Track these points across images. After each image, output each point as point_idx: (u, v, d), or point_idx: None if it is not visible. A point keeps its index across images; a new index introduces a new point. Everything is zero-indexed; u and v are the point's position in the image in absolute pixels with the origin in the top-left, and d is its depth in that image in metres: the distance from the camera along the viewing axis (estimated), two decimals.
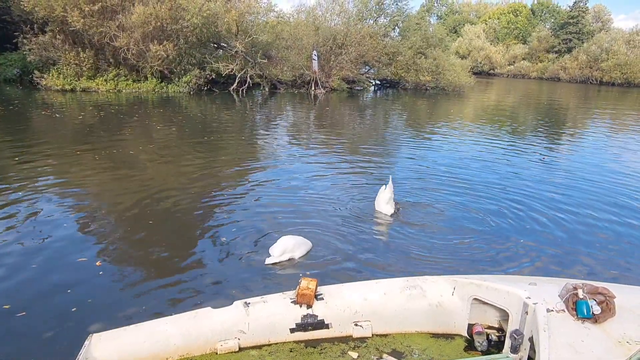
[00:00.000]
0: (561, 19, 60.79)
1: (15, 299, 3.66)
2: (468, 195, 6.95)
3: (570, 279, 3.38)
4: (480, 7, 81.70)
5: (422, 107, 21.57)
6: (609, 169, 9.29)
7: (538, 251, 5.03)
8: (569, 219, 6.07)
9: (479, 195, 6.95)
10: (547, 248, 5.12)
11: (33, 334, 3.26)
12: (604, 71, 50.17)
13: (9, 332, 3.28)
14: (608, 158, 10.68)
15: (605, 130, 16.12)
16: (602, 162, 10.13)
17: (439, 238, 5.26)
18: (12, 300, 3.64)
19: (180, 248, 4.75)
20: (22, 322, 3.39)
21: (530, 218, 6.03)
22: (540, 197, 6.95)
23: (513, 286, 3.23)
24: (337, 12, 28.53)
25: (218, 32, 20.90)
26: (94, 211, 5.69)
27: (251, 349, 3.21)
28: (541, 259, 4.83)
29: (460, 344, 3.38)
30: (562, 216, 6.15)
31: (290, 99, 21.57)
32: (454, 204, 6.46)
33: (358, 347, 3.28)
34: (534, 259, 4.83)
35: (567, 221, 5.98)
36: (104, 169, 7.72)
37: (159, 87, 20.18)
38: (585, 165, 9.63)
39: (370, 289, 3.51)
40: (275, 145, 10.70)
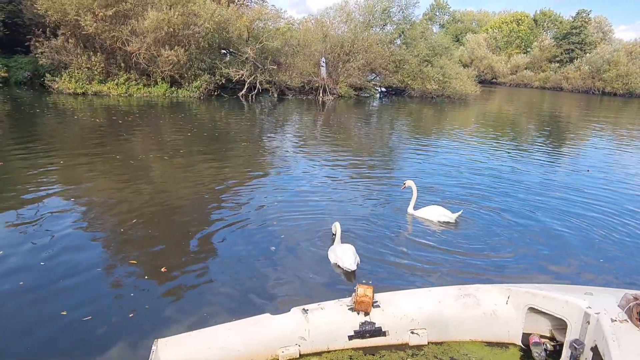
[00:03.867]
0: (564, 29, 61.19)
1: (78, 303, 3.68)
2: (491, 202, 6.98)
3: (626, 289, 3.40)
4: (481, 16, 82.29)
5: (430, 115, 21.67)
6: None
7: (578, 259, 5.06)
8: (611, 228, 6.10)
9: (499, 201, 7.00)
10: (585, 256, 5.15)
11: (99, 338, 3.28)
12: (606, 82, 50.49)
13: (79, 337, 3.30)
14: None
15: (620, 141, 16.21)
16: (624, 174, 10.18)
17: (472, 245, 5.29)
18: (76, 304, 3.66)
19: (225, 254, 4.76)
20: (88, 325, 3.42)
21: (567, 226, 6.06)
22: (570, 204, 6.99)
23: (571, 295, 3.25)
24: (343, 20, 28.76)
25: (229, 37, 21.04)
26: (119, 215, 5.70)
27: (311, 355, 3.23)
28: (585, 268, 4.87)
29: (515, 353, 3.40)
30: (603, 226, 6.18)
31: (299, 105, 21.66)
32: (481, 211, 6.49)
33: (415, 354, 3.30)
34: (575, 267, 4.86)
35: (611, 231, 6.01)
36: (119, 173, 7.75)
37: (169, 92, 20.26)
38: (601, 176, 9.68)
39: (424, 297, 3.54)
40: (287, 151, 10.72)
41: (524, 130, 18.23)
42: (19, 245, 4.63)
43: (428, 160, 10.43)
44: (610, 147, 14.31)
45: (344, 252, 4.59)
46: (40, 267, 4.24)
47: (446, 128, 17.12)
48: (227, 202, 6.50)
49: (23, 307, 3.62)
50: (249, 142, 11.88)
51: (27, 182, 6.82)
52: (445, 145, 12.88)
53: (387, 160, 10.71)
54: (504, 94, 46.77)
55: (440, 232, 5.74)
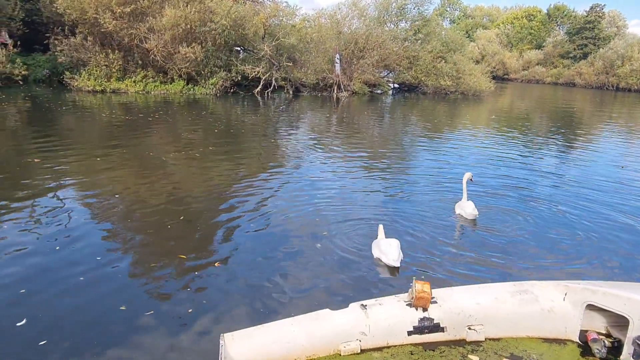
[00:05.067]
0: (577, 23, 60.43)
1: (136, 298, 3.75)
2: (520, 198, 6.96)
3: None
4: (492, 12, 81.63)
5: (445, 111, 21.58)
6: None
7: (630, 257, 5.04)
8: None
9: (530, 197, 6.97)
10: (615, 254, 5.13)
11: (161, 333, 3.33)
12: (620, 77, 49.87)
13: (142, 331, 3.36)
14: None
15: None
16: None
17: (508, 242, 5.29)
18: (134, 300, 3.73)
19: (271, 251, 4.80)
20: (149, 320, 3.47)
21: (618, 224, 6.03)
22: (615, 201, 6.95)
23: (633, 292, 3.24)
24: (357, 16, 28.68)
25: (245, 34, 21.07)
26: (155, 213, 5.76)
27: (372, 350, 3.25)
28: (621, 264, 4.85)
29: (574, 350, 3.40)
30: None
31: (314, 102, 21.69)
32: (515, 208, 6.48)
33: (475, 350, 3.31)
34: (629, 265, 4.84)
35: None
36: (136, 169, 7.85)
37: (186, 89, 20.37)
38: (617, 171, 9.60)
39: (480, 293, 3.54)
40: (305, 147, 10.68)
41: (547, 126, 18.09)
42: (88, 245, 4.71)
43: (456, 154, 10.40)
44: (632, 143, 14.16)
45: (389, 246, 4.60)
46: (96, 262, 4.31)
47: (465, 124, 17.04)
48: (250, 198, 6.51)
49: (86, 301, 3.68)
50: (266, 138, 11.95)
51: (49, 178, 6.96)
52: (466, 140, 12.83)
53: (406, 155, 10.70)
54: (517, 89, 46.44)
55: (479, 227, 5.73)
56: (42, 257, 4.38)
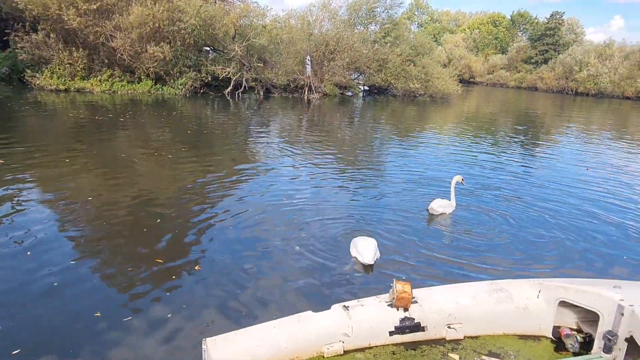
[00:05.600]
0: (539, 30, 62.70)
1: (109, 307, 3.62)
2: (494, 198, 7.16)
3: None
4: (459, 17, 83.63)
5: (414, 114, 21.94)
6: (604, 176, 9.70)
7: (601, 254, 5.24)
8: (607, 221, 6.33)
9: (504, 197, 7.18)
10: (608, 251, 5.34)
11: (142, 339, 3.24)
12: (578, 82, 51.97)
13: (121, 338, 3.25)
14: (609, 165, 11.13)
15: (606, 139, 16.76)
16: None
17: (484, 241, 5.43)
18: (111, 305, 3.61)
19: (248, 253, 4.75)
20: (130, 326, 3.37)
21: (587, 223, 6.26)
22: (579, 201, 7.23)
23: (603, 289, 3.38)
24: (327, 18, 28.81)
25: (215, 34, 20.81)
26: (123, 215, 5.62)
27: (355, 351, 3.27)
28: (609, 262, 5.05)
29: (548, 346, 3.51)
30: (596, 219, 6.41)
31: (285, 103, 21.64)
32: (482, 209, 6.66)
33: (454, 349, 3.38)
34: (601, 262, 5.04)
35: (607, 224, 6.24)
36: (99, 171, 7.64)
37: (154, 89, 19.94)
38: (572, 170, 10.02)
39: (459, 292, 3.62)
40: (276, 149, 10.59)
41: (513, 129, 18.64)
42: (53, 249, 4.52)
43: (427, 155, 10.58)
44: (594, 145, 14.78)
45: (365, 245, 4.67)
46: (69, 267, 4.16)
47: (435, 126, 17.37)
48: (223, 199, 6.43)
49: (58, 305, 3.54)
50: (237, 140, 11.82)
51: (13, 180, 6.68)
52: (437, 142, 13.08)
53: (378, 157, 10.82)
54: (482, 93, 47.74)
55: (455, 227, 5.86)
56: (11, 262, 4.19)
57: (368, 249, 4.61)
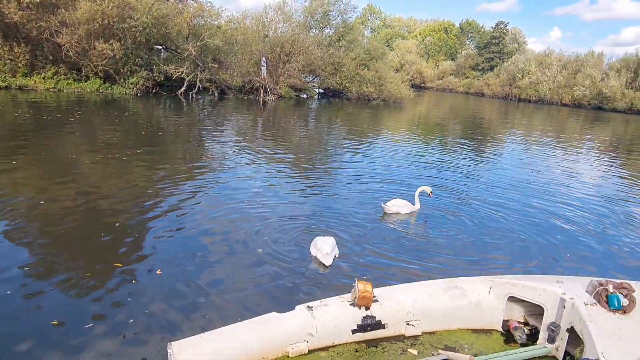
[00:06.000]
0: (485, 38, 65.66)
1: (67, 315, 3.50)
2: (448, 199, 7.49)
3: (588, 276, 3.88)
4: (410, 23, 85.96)
5: (369, 116, 22.38)
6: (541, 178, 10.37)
7: (541, 251, 5.60)
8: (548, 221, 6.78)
9: (458, 198, 7.52)
10: (547, 249, 5.72)
11: (103, 346, 3.17)
12: (521, 89, 54.83)
13: (82, 347, 3.16)
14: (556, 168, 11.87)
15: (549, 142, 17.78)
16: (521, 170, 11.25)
17: (439, 240, 5.69)
18: (66, 314, 3.49)
19: (209, 256, 4.73)
20: (85, 334, 3.27)
21: (528, 223, 6.66)
22: (516, 201, 7.67)
23: (547, 284, 3.66)
24: (283, 20, 28.86)
25: (168, 33, 20.34)
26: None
27: (319, 350, 3.35)
28: (548, 259, 5.40)
29: (498, 338, 3.75)
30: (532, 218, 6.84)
31: (240, 105, 21.45)
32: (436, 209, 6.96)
33: (413, 344, 3.54)
34: (540, 259, 5.39)
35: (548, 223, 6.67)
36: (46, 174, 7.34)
37: (103, 88, 19.22)
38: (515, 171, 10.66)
39: (417, 290, 3.79)
40: (228, 151, 10.47)
41: (462, 133, 19.41)
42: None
43: (382, 157, 10.86)
44: (537, 149, 15.67)
45: (323, 243, 4.82)
46: (21, 274, 3.98)
47: (389, 129, 17.80)
48: (175, 202, 6.30)
49: (11, 314, 3.40)
50: (191, 141, 11.61)
51: None
52: (391, 144, 13.44)
53: (334, 158, 10.99)
54: (433, 98, 49.35)
55: (410, 226, 6.07)
56: None
57: (327, 248, 4.75)
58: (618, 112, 43.40)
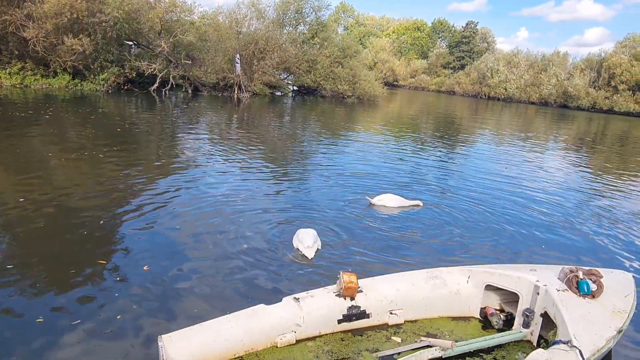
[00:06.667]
0: (456, 38, 66.88)
1: (52, 312, 3.47)
2: (426, 193, 7.68)
3: (559, 264, 4.10)
4: (383, 22, 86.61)
5: (343, 114, 22.55)
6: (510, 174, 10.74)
7: (513, 241, 5.83)
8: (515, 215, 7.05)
9: (435, 193, 7.73)
10: (519, 238, 5.95)
11: (91, 343, 3.16)
12: (490, 87, 56.15)
13: (69, 344, 3.15)
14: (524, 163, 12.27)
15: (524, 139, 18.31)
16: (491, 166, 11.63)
17: (420, 232, 5.85)
18: (51, 314, 3.45)
19: (192, 251, 4.74)
20: (73, 331, 3.25)
21: (503, 215, 6.89)
22: (495, 197, 7.93)
23: (521, 272, 3.84)
24: (256, 17, 28.72)
25: (139, 29, 19.95)
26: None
27: (307, 340, 3.44)
28: (521, 249, 5.63)
29: (477, 325, 3.92)
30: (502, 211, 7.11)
31: (214, 102, 21.25)
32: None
33: (396, 332, 3.67)
34: (513, 248, 5.61)
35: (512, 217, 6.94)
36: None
37: (72, 84, 18.71)
38: (486, 164, 11.02)
39: (400, 280, 3.92)
40: (205, 148, 10.33)
41: (436, 130, 19.78)
42: None
43: (358, 153, 11.00)
44: (507, 146, 16.15)
45: (307, 237, 4.93)
46: (5, 272, 3.91)
47: (364, 126, 18.00)
48: (156, 200, 6.24)
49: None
50: (163, 139, 11.45)
51: None
52: (361, 141, 13.61)
53: (308, 155, 11.07)
54: (406, 95, 50.01)
55: (391, 218, 6.21)
56: None
57: (309, 241, 4.86)
58: (582, 110, 45.02)
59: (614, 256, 5.84)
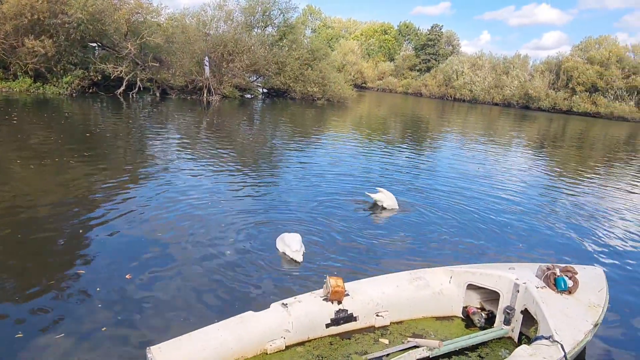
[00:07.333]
0: (421, 40, 68.16)
1: (33, 326, 3.35)
2: (404, 194, 7.80)
3: (536, 262, 4.25)
4: (350, 24, 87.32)
5: (314, 116, 22.61)
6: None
7: (492, 241, 6.00)
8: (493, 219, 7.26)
9: (415, 194, 7.86)
10: (495, 238, 6.13)
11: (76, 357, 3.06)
12: (456, 89, 57.52)
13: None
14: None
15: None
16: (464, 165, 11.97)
17: (401, 233, 5.95)
18: (31, 328, 3.33)
19: (171, 259, 4.65)
20: (57, 345, 3.15)
21: (484, 215, 7.07)
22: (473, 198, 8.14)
23: (501, 271, 3.97)
24: (223, 19, 28.43)
25: (104, 30, 19.42)
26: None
27: (296, 345, 3.45)
28: (499, 248, 5.80)
29: (459, 324, 4.02)
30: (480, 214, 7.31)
31: (183, 105, 20.88)
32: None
33: (383, 334, 3.73)
34: (491, 247, 5.77)
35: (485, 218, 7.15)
36: None
37: (34, 87, 18.01)
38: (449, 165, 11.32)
39: (384, 283, 3.98)
40: (171, 154, 10.04)
41: (405, 131, 20.09)
42: None
43: (327, 155, 11.06)
44: (478, 147, 16.58)
45: (293, 242, 4.95)
46: None
47: (335, 128, 18.10)
48: (120, 207, 6.02)
49: None
50: (131, 144, 11.13)
51: None
52: (333, 143, 13.70)
53: (281, 157, 11.07)
54: (374, 98, 50.55)
55: (371, 219, 6.28)
56: None
57: (296, 245, 4.89)
58: (543, 111, 46.73)
59: (585, 252, 6.12)
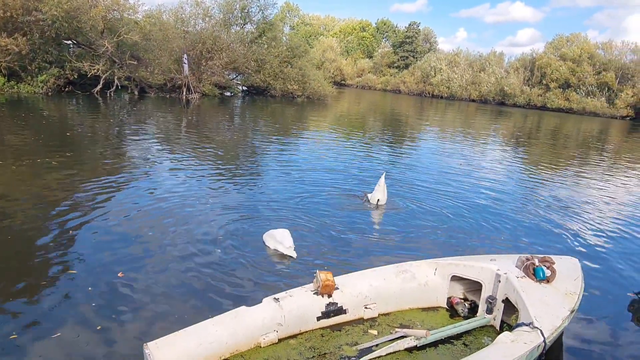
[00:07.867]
0: (399, 38, 68.79)
1: (28, 326, 3.36)
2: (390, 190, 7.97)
3: (516, 253, 4.45)
4: (328, 21, 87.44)
5: (294, 114, 22.69)
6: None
7: (474, 234, 6.20)
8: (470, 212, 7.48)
9: (401, 189, 8.03)
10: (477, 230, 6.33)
11: (73, 356, 3.10)
12: (434, 86, 58.29)
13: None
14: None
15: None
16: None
17: (386, 227, 6.09)
18: (26, 328, 3.34)
19: (159, 256, 4.69)
20: (54, 345, 3.18)
21: (463, 209, 7.27)
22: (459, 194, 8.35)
23: (483, 263, 4.14)
24: (201, 16, 28.21)
25: (80, 28, 19.06)
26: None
27: (289, 338, 3.56)
28: (479, 240, 5.99)
29: (444, 314, 4.19)
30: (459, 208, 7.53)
31: (162, 104, 20.66)
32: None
33: (372, 326, 3.86)
34: (473, 240, 5.96)
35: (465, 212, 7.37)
36: None
37: (7, 86, 17.58)
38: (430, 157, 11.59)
39: (372, 276, 4.11)
40: (154, 152, 10.03)
41: (384, 128, 20.32)
42: None
43: (313, 152, 11.17)
44: (457, 143, 16.91)
45: (283, 236, 5.03)
46: None
47: (315, 125, 18.20)
48: (89, 208, 5.96)
49: None
50: (110, 144, 10.93)
51: None
52: (314, 139, 13.82)
53: (262, 155, 11.12)
54: (353, 95, 50.86)
55: (356, 214, 6.42)
56: None
57: (288, 241, 5.01)
58: (518, 107, 47.79)
59: (562, 243, 6.37)
